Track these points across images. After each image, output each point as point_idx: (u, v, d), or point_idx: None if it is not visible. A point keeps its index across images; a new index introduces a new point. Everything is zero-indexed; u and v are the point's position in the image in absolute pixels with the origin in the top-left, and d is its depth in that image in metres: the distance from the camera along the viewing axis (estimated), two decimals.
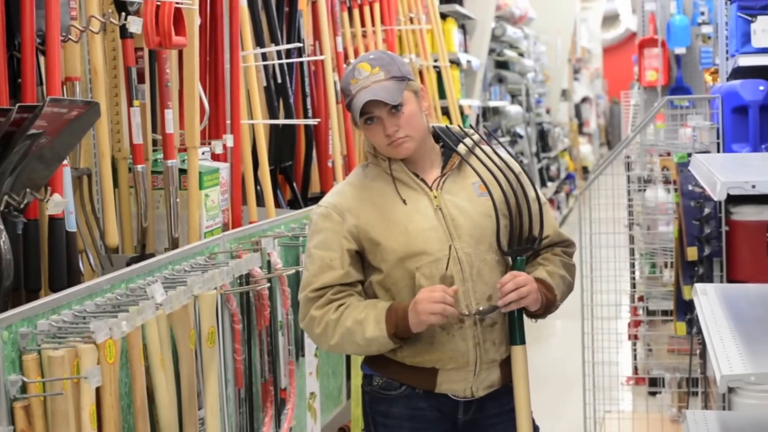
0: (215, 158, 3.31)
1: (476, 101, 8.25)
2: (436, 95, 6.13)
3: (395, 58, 2.54)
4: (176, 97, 3.14)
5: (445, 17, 7.36)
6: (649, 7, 6.55)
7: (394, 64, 2.49)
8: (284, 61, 3.92)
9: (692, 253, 3.73)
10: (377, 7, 5.17)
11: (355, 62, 2.52)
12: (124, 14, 2.79)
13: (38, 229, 2.44)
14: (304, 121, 4.08)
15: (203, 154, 3.22)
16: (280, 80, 3.92)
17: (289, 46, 3.96)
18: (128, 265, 2.63)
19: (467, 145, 2.56)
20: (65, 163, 2.50)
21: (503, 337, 2.54)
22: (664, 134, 5.61)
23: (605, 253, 4.63)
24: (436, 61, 6.31)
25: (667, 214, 4.97)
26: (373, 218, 2.51)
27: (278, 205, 3.79)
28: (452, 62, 7.11)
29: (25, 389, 2.01)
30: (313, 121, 4.11)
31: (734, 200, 3.56)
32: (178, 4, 2.85)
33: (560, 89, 14.77)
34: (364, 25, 5.03)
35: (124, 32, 2.83)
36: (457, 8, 7.65)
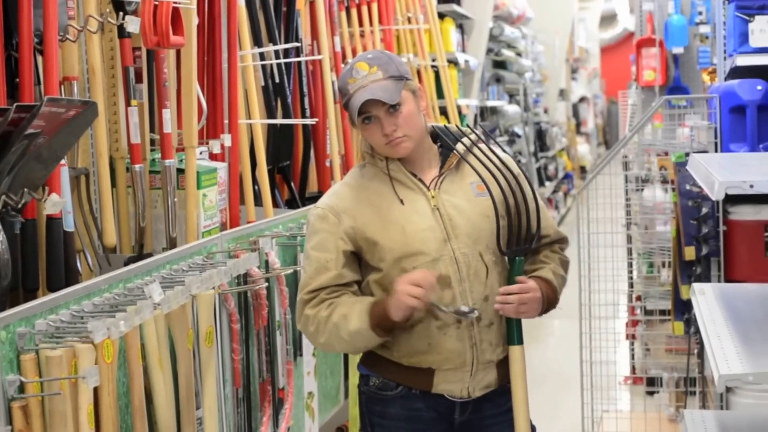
0: (213, 158, 3.30)
1: (474, 101, 8.25)
2: (434, 95, 6.12)
3: (393, 57, 2.53)
4: (174, 96, 3.13)
5: (442, 17, 7.35)
6: (646, 6, 6.56)
7: (392, 63, 2.49)
8: (282, 60, 3.92)
9: (690, 252, 3.74)
10: (375, 6, 5.16)
11: (352, 61, 2.52)
12: (121, 14, 2.78)
13: (36, 228, 2.44)
14: (301, 120, 4.08)
15: (201, 153, 3.22)
16: (278, 80, 3.92)
17: (286, 45, 3.96)
18: (126, 264, 2.63)
19: (465, 144, 2.55)
20: (63, 162, 2.50)
21: (500, 338, 2.54)
22: (661, 134, 5.61)
23: (603, 252, 4.63)
24: (433, 60, 6.31)
25: (664, 213, 4.97)
26: (370, 218, 2.50)
27: (276, 204, 3.78)
28: (450, 62, 7.11)
29: (22, 389, 2.01)
30: (310, 120, 4.11)
31: (732, 200, 3.56)
32: (176, 3, 2.84)
33: (558, 89, 14.77)
34: (362, 24, 5.02)
35: (121, 32, 2.83)
36: (454, 8, 7.65)
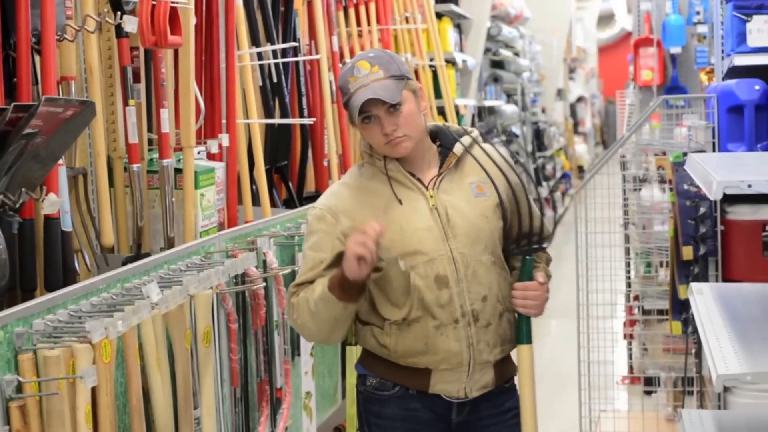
0: (211, 158, 3.30)
1: (472, 101, 8.25)
2: (431, 95, 6.12)
3: (394, 56, 2.53)
4: (172, 96, 3.13)
5: (440, 17, 7.35)
6: (644, 6, 6.56)
7: (393, 62, 2.48)
8: (280, 60, 3.92)
9: (688, 252, 3.74)
10: (373, 6, 5.16)
11: (353, 60, 2.50)
12: (119, 13, 2.78)
13: (34, 228, 2.44)
14: (299, 120, 4.08)
15: (199, 153, 3.22)
16: (275, 79, 3.92)
17: (284, 45, 3.96)
18: (124, 264, 2.63)
19: (464, 143, 2.55)
20: (61, 162, 2.49)
21: (497, 338, 2.53)
22: (659, 134, 5.60)
23: (601, 252, 4.63)
24: (431, 60, 6.31)
25: (662, 213, 4.97)
26: (368, 218, 2.49)
27: (274, 204, 3.79)
28: (448, 62, 7.11)
29: (20, 389, 2.01)
30: (308, 120, 4.11)
31: (730, 200, 3.57)
32: (173, 3, 2.84)
33: (556, 89, 14.78)
34: (359, 24, 5.02)
35: (119, 31, 2.83)
36: (452, 8, 7.65)
